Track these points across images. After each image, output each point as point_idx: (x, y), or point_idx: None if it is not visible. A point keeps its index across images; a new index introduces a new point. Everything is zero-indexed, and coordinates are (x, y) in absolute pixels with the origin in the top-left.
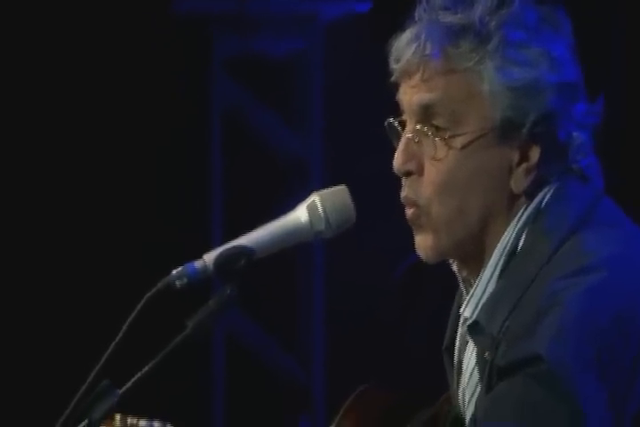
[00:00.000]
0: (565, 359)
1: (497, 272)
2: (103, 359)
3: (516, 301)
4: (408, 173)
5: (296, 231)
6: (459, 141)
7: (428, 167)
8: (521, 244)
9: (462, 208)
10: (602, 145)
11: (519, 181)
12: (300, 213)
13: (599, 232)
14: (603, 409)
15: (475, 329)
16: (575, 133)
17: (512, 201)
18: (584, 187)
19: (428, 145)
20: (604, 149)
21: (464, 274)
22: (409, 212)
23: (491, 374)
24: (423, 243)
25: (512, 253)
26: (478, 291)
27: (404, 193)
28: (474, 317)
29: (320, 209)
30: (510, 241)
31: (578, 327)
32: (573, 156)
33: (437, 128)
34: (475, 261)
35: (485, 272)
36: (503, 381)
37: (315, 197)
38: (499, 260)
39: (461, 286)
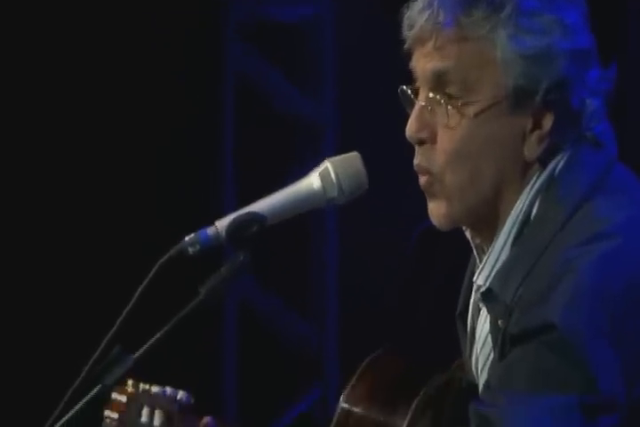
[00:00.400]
0: (578, 327)
1: (510, 240)
2: (116, 326)
3: (530, 268)
4: (421, 141)
5: (308, 198)
6: (471, 110)
7: (440, 135)
8: (534, 211)
9: (475, 176)
10: (614, 111)
11: (532, 149)
12: (313, 180)
13: (612, 199)
14: (615, 375)
15: (488, 297)
16: (588, 100)
17: (525, 169)
18: (597, 153)
19: (440, 113)
20: (616, 114)
21: (477, 241)
22: (422, 179)
23: (504, 341)
24: (436, 210)
25: (525, 221)
26: (491, 258)
27: (416, 161)
28: (487, 284)
29: (332, 175)
30: (523, 209)
31: (591, 295)
32: (587, 122)
33: (450, 96)
34: (488, 228)
35: (499, 240)
36: (516, 348)
37: (327, 164)
38: (512, 227)
39: (475, 253)
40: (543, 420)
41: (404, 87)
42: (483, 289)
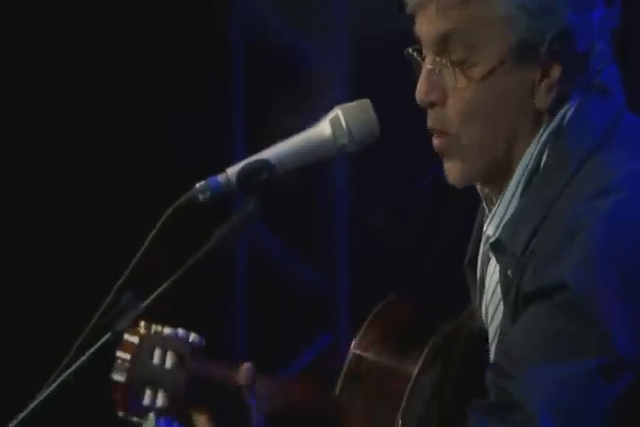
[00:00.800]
0: (591, 286)
1: (519, 190)
2: (127, 272)
3: (539, 220)
4: (432, 104)
5: (319, 145)
6: (478, 71)
7: (451, 97)
8: (543, 161)
9: (489, 135)
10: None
11: (542, 99)
12: (323, 127)
13: (618, 151)
14: (629, 334)
15: (497, 247)
16: (594, 42)
17: (536, 119)
18: (605, 102)
19: (448, 75)
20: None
21: (486, 191)
22: (437, 141)
23: (517, 298)
24: (454, 170)
25: (534, 170)
26: (501, 209)
27: (430, 124)
28: (496, 235)
29: (343, 122)
30: (533, 158)
31: (600, 253)
32: (594, 65)
33: (455, 59)
34: (499, 179)
35: (508, 189)
36: (530, 307)
37: (337, 111)
38: (521, 177)
39: (484, 203)
40: (562, 389)
41: (411, 51)
42: (492, 240)
